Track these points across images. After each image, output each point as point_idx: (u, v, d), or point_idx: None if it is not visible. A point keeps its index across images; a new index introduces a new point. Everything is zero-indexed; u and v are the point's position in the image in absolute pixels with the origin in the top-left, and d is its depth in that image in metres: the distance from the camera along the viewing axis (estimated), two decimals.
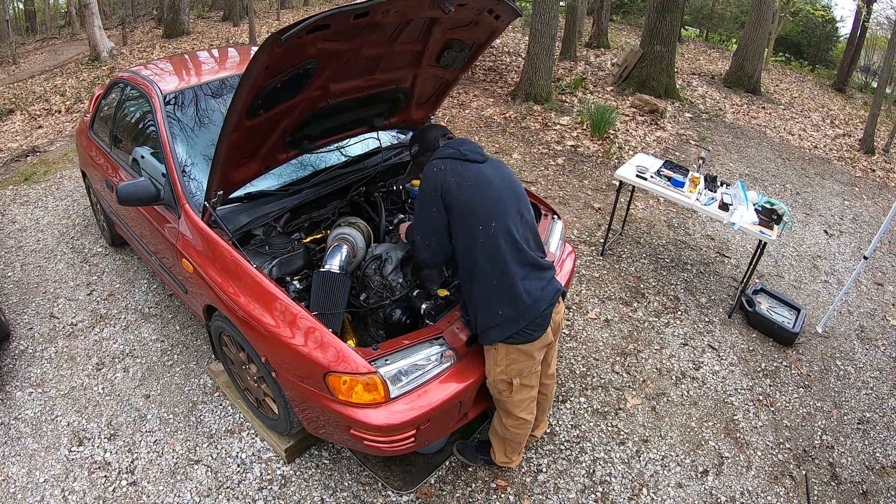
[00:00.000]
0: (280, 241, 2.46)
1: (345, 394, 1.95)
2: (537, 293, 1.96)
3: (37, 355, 3.12)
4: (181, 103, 2.88)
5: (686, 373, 3.23)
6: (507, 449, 2.37)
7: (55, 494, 2.39)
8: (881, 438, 2.96)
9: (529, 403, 2.19)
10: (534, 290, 1.96)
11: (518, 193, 2.09)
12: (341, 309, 2.14)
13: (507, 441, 2.32)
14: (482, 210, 1.94)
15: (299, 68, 2.02)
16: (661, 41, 7.83)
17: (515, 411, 2.17)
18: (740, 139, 7.21)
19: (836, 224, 5.36)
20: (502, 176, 2.07)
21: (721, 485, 2.60)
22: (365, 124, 2.84)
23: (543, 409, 2.48)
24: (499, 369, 2.06)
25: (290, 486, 2.44)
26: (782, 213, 3.46)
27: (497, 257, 1.93)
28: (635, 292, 3.85)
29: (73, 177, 5.19)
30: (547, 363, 2.29)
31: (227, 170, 2.24)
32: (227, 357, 2.65)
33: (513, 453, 2.39)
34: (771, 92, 10.21)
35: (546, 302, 1.98)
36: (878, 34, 17.85)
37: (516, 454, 2.41)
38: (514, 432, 2.25)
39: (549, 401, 2.46)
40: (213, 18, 15.06)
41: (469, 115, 6.84)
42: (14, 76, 10.94)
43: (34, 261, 3.94)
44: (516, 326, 1.94)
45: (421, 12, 2.17)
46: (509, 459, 2.41)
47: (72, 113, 7.39)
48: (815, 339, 3.65)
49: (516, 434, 2.27)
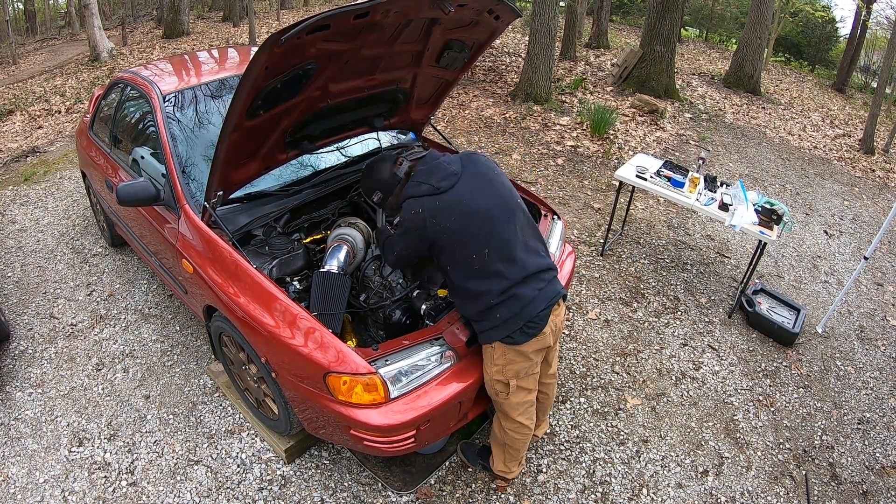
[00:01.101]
0: (280, 242, 2.46)
1: (345, 394, 1.95)
2: (534, 293, 1.96)
3: (37, 356, 3.12)
4: (181, 104, 2.88)
5: (686, 373, 3.23)
6: (506, 457, 2.33)
7: (55, 495, 2.39)
8: (881, 438, 2.96)
9: (528, 408, 2.17)
10: (531, 292, 1.95)
11: (504, 199, 1.97)
12: (341, 309, 2.14)
13: (507, 448, 2.29)
14: (472, 240, 1.88)
15: (299, 69, 2.02)
16: (661, 41, 7.83)
17: (513, 414, 2.15)
18: (740, 139, 7.21)
19: (836, 224, 5.36)
20: (484, 183, 1.94)
21: (721, 485, 2.60)
22: (365, 124, 2.83)
23: (545, 408, 2.47)
24: (495, 369, 2.04)
25: (290, 486, 2.44)
26: (782, 214, 3.46)
27: (495, 277, 1.91)
28: (635, 292, 3.85)
29: (72, 177, 5.19)
30: (548, 363, 2.29)
31: (227, 170, 2.24)
32: (227, 357, 2.65)
33: (511, 462, 2.35)
34: (771, 92, 10.21)
35: (544, 303, 1.97)
36: (878, 34, 17.84)
37: (516, 464, 2.37)
38: (513, 437, 2.22)
39: (550, 400, 2.46)
40: (213, 19, 15.06)
41: (469, 116, 6.85)
42: (14, 76, 10.94)
43: (34, 261, 3.94)
44: (514, 327, 1.94)
45: (421, 13, 2.17)
46: (507, 469, 2.36)
47: (72, 113, 7.39)
48: (815, 339, 3.65)
49: (515, 440, 2.23)
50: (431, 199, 1.88)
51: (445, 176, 1.92)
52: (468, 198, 1.90)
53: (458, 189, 1.90)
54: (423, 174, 1.95)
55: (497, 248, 1.90)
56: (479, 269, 1.90)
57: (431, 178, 1.92)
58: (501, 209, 1.95)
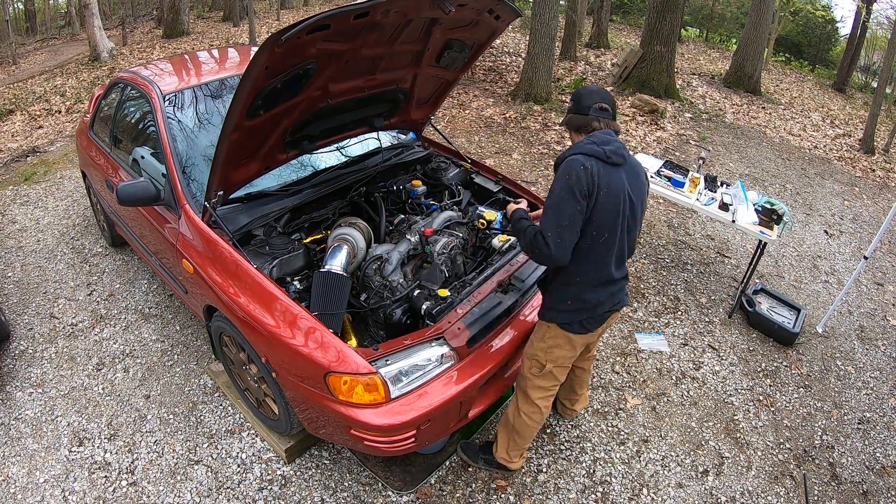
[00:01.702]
0: (280, 242, 2.46)
1: (345, 394, 1.95)
2: (607, 297, 2.07)
3: (37, 355, 3.12)
4: (181, 104, 2.89)
5: (686, 373, 3.23)
6: (510, 444, 2.38)
7: (55, 495, 2.39)
8: (881, 438, 2.96)
9: (548, 396, 2.27)
10: (603, 296, 2.06)
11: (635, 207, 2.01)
12: (342, 309, 2.14)
13: (515, 434, 2.34)
14: (602, 220, 1.91)
15: (299, 68, 2.02)
16: (661, 41, 7.83)
17: (534, 395, 2.24)
18: (740, 139, 7.21)
19: (836, 224, 5.36)
20: (633, 184, 1.99)
21: (721, 485, 2.61)
22: (365, 124, 2.84)
23: (583, 383, 2.66)
24: (541, 346, 2.15)
25: (291, 486, 2.44)
26: (782, 213, 3.46)
27: (588, 262, 1.97)
28: (635, 292, 3.85)
29: (73, 177, 5.19)
30: (588, 349, 2.50)
31: (228, 170, 2.24)
32: (227, 357, 2.65)
33: (514, 451, 2.40)
34: (771, 92, 10.21)
35: (609, 307, 2.10)
36: (878, 34, 17.85)
37: (518, 454, 2.42)
38: (525, 422, 2.28)
39: (588, 375, 2.64)
40: (213, 19, 15.06)
41: (469, 116, 6.85)
42: (14, 76, 10.95)
43: (34, 261, 3.94)
44: (576, 318, 2.06)
45: (421, 12, 2.18)
46: (509, 457, 2.41)
47: (72, 113, 7.39)
48: (815, 339, 3.65)
49: (526, 426, 2.30)
50: (599, 163, 1.88)
51: (616, 152, 1.91)
52: (618, 189, 1.91)
53: (619, 174, 1.92)
54: (599, 138, 1.93)
55: (610, 241, 1.96)
56: (586, 246, 1.93)
57: (606, 146, 1.91)
58: (629, 216, 1.99)
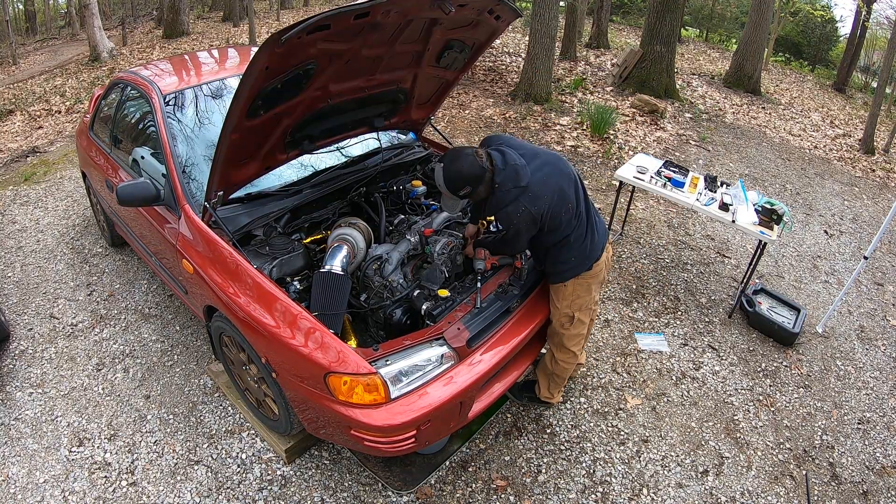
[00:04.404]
0: (280, 242, 2.46)
1: (345, 394, 1.95)
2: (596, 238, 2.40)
3: (37, 356, 3.12)
4: (181, 104, 2.88)
5: (686, 373, 3.23)
6: (550, 384, 2.73)
7: (55, 495, 2.39)
8: (881, 438, 2.97)
9: (580, 339, 2.54)
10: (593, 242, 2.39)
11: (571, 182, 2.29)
12: (342, 309, 2.14)
13: (553, 377, 2.68)
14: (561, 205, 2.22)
15: (299, 69, 2.02)
16: (661, 41, 7.83)
17: (569, 344, 2.50)
18: (740, 139, 7.22)
19: (836, 224, 5.36)
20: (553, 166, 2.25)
21: (721, 485, 2.61)
22: (365, 124, 2.83)
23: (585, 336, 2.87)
24: (565, 303, 2.42)
25: (291, 486, 2.44)
26: (782, 213, 3.46)
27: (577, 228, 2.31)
28: (635, 292, 3.85)
29: (73, 177, 5.19)
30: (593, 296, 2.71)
31: (228, 170, 2.24)
32: (227, 357, 2.65)
33: (555, 389, 2.76)
34: (771, 92, 10.21)
35: (601, 248, 2.42)
36: (878, 34, 17.84)
37: (558, 391, 2.79)
38: (563, 367, 2.60)
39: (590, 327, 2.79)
40: (213, 19, 15.07)
41: (469, 116, 6.85)
42: (14, 76, 10.95)
43: (34, 261, 3.94)
44: (583, 267, 2.36)
45: (421, 13, 2.18)
46: (551, 395, 2.78)
47: (72, 113, 7.39)
48: (815, 339, 3.65)
49: (564, 369, 2.62)
50: (525, 195, 2.15)
51: (520, 173, 2.17)
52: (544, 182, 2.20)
53: (533, 176, 2.19)
54: (507, 181, 2.17)
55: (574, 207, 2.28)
56: (567, 220, 2.27)
57: (513, 180, 2.16)
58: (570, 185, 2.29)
